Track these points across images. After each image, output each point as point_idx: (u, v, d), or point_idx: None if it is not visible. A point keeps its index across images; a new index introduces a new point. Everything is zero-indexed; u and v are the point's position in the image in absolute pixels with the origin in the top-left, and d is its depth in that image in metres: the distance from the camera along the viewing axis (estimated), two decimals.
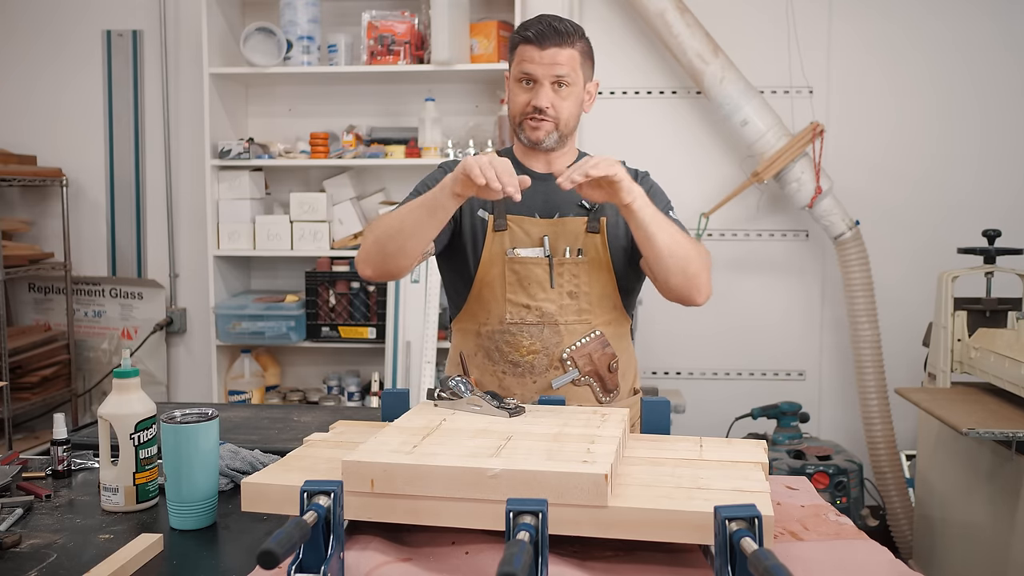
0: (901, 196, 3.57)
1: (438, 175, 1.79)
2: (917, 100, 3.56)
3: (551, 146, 1.77)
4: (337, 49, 3.47)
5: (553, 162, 1.82)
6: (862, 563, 1.11)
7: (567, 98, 1.73)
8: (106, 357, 3.86)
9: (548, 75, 1.70)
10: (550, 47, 1.69)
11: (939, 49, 3.53)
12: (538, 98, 1.71)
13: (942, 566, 2.78)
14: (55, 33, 3.81)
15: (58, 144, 3.81)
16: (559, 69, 1.70)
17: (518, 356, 1.75)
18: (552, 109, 1.72)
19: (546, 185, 1.80)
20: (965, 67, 3.53)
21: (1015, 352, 2.42)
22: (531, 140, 1.75)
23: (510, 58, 1.78)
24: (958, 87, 3.54)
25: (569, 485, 1.05)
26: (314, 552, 0.98)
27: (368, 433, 1.35)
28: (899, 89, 3.56)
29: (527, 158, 1.83)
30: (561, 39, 1.70)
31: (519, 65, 1.73)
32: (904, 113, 3.56)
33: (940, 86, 3.54)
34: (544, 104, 1.71)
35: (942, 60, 3.53)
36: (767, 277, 3.66)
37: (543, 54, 1.69)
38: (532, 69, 1.71)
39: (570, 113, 1.75)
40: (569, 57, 1.71)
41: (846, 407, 3.64)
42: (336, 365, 3.80)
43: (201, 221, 3.65)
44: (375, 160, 3.48)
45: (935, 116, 3.55)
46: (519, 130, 1.77)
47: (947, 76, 3.54)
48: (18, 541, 1.22)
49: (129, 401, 1.35)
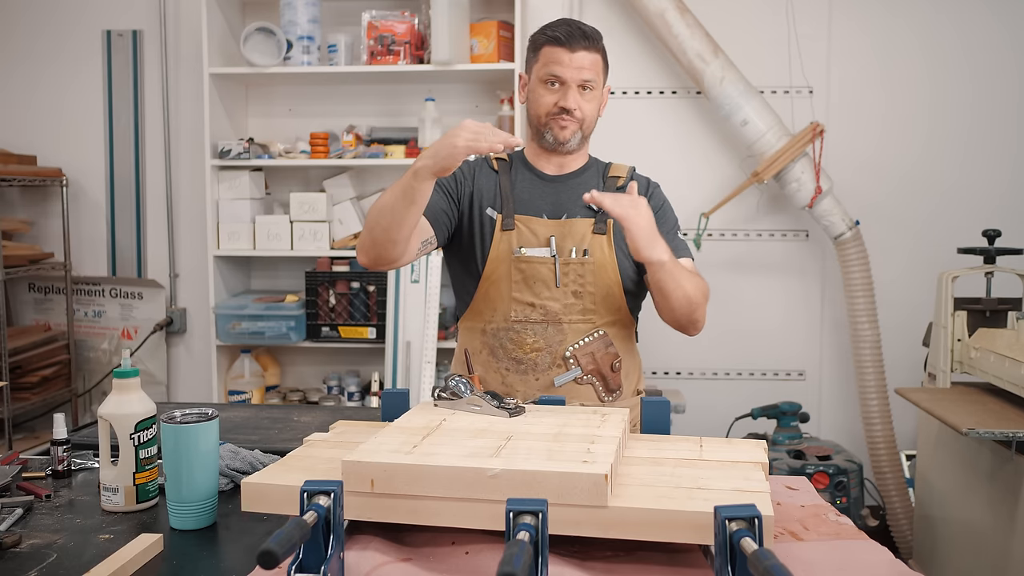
0: (901, 196, 3.57)
1: None
2: (917, 100, 3.56)
3: (574, 147, 1.81)
4: (337, 49, 3.47)
5: (565, 164, 1.85)
6: (862, 563, 1.11)
7: (591, 101, 1.77)
8: (106, 357, 3.86)
9: (576, 78, 1.74)
10: (579, 50, 1.73)
11: (939, 49, 3.53)
12: (566, 100, 1.74)
13: (942, 566, 2.78)
14: (55, 33, 3.81)
15: (58, 144, 3.81)
16: (586, 73, 1.74)
17: (521, 354, 1.77)
18: (579, 111, 1.76)
19: (555, 186, 1.83)
20: (965, 67, 3.52)
21: (1015, 352, 2.42)
22: (557, 139, 1.78)
23: (530, 58, 1.81)
24: (959, 87, 3.54)
25: (569, 485, 1.05)
26: (314, 552, 0.98)
27: (368, 433, 1.35)
28: (899, 89, 3.56)
29: (539, 160, 1.86)
30: (589, 43, 1.74)
31: (546, 67, 1.76)
32: (904, 113, 3.56)
33: (940, 86, 3.54)
34: (572, 106, 1.75)
35: (942, 60, 3.53)
36: (767, 277, 3.66)
37: (573, 57, 1.73)
38: (561, 71, 1.74)
39: (592, 116, 1.80)
40: (594, 62, 1.76)
41: (846, 407, 3.64)
42: (336, 365, 3.80)
43: (201, 221, 3.65)
44: (375, 160, 3.48)
45: (935, 116, 3.55)
46: (544, 130, 1.80)
47: (947, 76, 3.54)
48: (18, 541, 1.22)
49: (129, 401, 1.35)
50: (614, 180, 1.85)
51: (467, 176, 1.84)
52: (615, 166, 1.89)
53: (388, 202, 1.62)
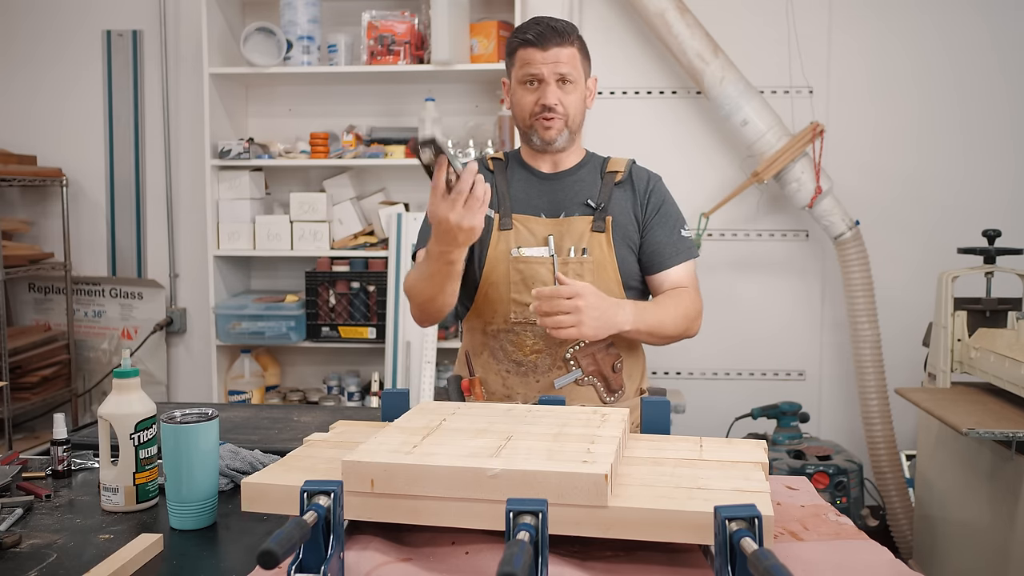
0: (901, 196, 3.57)
1: None
2: (917, 100, 3.56)
3: (563, 145, 1.79)
4: (337, 49, 3.47)
5: (560, 162, 1.84)
6: (862, 563, 1.11)
7: (572, 93, 1.75)
8: (106, 357, 3.86)
9: (553, 74, 1.72)
10: (552, 47, 1.71)
11: (939, 49, 3.53)
12: (546, 96, 1.73)
13: (942, 566, 2.78)
14: (55, 33, 3.81)
15: (58, 144, 3.81)
16: (562, 67, 1.72)
17: (521, 355, 1.75)
18: (560, 106, 1.74)
19: (552, 185, 1.81)
20: (966, 67, 3.52)
21: (1015, 352, 2.42)
22: (544, 140, 1.77)
23: (508, 63, 1.80)
24: (959, 87, 3.53)
25: (569, 485, 1.05)
26: (314, 552, 0.98)
27: (368, 433, 1.35)
28: (899, 89, 3.56)
29: (534, 159, 1.85)
30: (561, 38, 1.72)
31: (522, 68, 1.75)
32: (903, 113, 3.56)
33: (940, 85, 3.54)
34: (552, 101, 1.73)
35: (942, 60, 3.53)
36: (767, 277, 3.66)
37: (546, 54, 1.72)
38: (536, 70, 1.72)
39: (576, 109, 1.77)
40: (570, 55, 1.74)
41: (846, 407, 3.64)
42: (336, 365, 3.80)
43: (201, 221, 3.65)
44: (375, 160, 3.48)
45: (934, 116, 3.55)
46: (530, 132, 1.78)
47: (947, 76, 3.54)
48: (18, 541, 1.22)
49: (129, 401, 1.35)
50: (612, 175, 1.82)
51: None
52: (613, 160, 1.86)
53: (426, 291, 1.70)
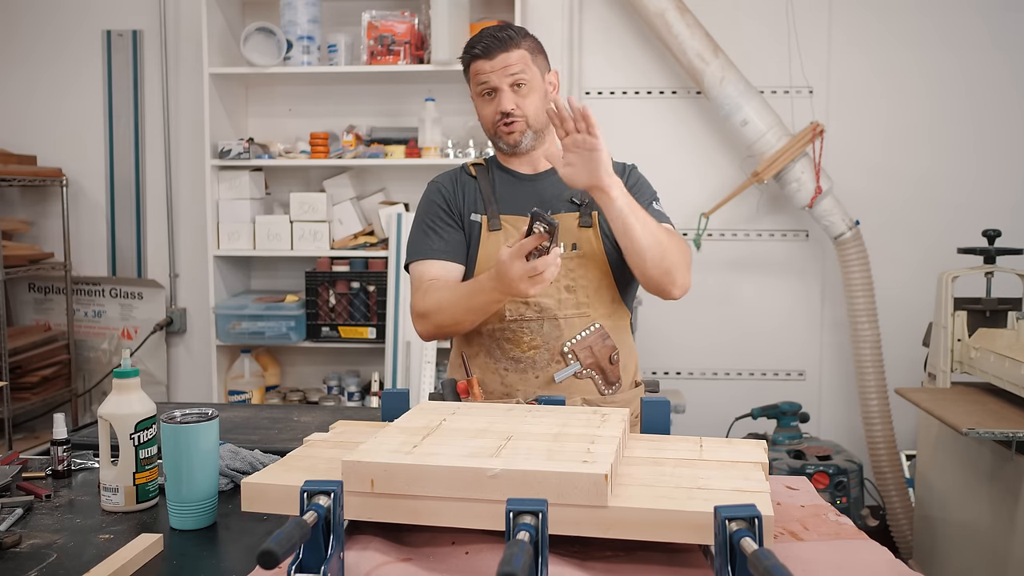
0: (901, 196, 3.57)
1: (434, 197, 1.86)
2: (917, 100, 3.56)
3: (529, 145, 1.83)
4: (337, 49, 3.47)
5: (537, 163, 1.88)
6: (862, 563, 1.11)
7: (528, 95, 1.80)
8: (106, 357, 3.86)
9: (504, 80, 1.78)
10: (498, 54, 1.77)
11: (939, 49, 3.53)
12: (502, 103, 1.78)
13: (942, 566, 2.78)
14: (55, 33, 3.81)
15: (58, 144, 3.81)
16: (512, 70, 1.77)
17: (519, 352, 1.77)
18: (518, 109, 1.79)
19: (535, 185, 1.85)
20: (965, 67, 3.52)
21: (1015, 352, 2.42)
22: (509, 144, 1.82)
23: (467, 80, 1.86)
24: (958, 87, 3.53)
25: (569, 485, 1.05)
26: (314, 552, 0.98)
27: (368, 433, 1.35)
28: (899, 89, 3.56)
29: (511, 162, 1.90)
30: (505, 45, 1.78)
31: (477, 81, 1.81)
32: (904, 113, 3.56)
33: (940, 86, 3.54)
34: (509, 107, 1.78)
35: (942, 60, 3.53)
36: (767, 277, 3.66)
37: (494, 63, 1.77)
38: (488, 79, 1.79)
39: (536, 108, 1.81)
40: (519, 58, 1.79)
41: (846, 407, 3.64)
42: (336, 365, 3.80)
43: (201, 221, 3.65)
44: (375, 160, 3.49)
45: (935, 116, 3.55)
46: (496, 140, 1.85)
47: (947, 76, 3.54)
48: (18, 541, 1.22)
49: (129, 401, 1.35)
50: None
51: (455, 193, 1.87)
52: None
53: (470, 316, 1.72)
